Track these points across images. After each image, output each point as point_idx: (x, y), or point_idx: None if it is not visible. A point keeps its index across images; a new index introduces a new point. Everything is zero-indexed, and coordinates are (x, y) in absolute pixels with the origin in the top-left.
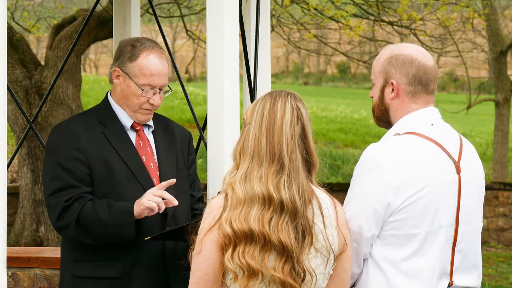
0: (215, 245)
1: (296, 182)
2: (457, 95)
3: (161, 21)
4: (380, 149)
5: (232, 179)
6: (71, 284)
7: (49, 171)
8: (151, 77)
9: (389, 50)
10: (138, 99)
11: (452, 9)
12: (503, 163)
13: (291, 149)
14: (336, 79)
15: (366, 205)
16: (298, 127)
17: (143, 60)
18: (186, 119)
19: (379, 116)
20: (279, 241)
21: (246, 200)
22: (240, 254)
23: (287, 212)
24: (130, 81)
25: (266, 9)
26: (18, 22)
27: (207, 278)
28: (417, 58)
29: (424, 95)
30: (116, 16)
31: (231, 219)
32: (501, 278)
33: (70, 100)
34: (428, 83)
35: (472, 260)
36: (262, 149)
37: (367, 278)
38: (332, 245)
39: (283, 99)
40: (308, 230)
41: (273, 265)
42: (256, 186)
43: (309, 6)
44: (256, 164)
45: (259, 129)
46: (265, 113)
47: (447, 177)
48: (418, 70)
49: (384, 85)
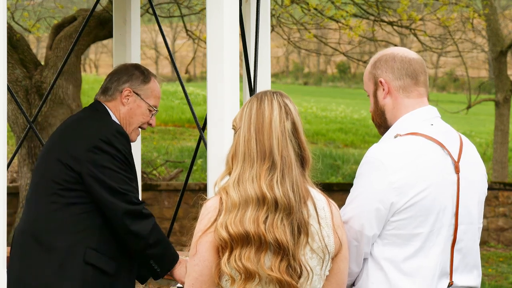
0: (210, 246)
1: (290, 178)
2: (457, 95)
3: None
4: (383, 149)
5: (226, 183)
6: (81, 268)
7: None
8: (158, 99)
9: (373, 57)
10: (144, 118)
11: (452, 9)
12: (503, 163)
13: (282, 145)
14: (336, 79)
15: (369, 204)
16: (289, 123)
17: (153, 84)
18: (186, 119)
19: (379, 123)
20: (275, 240)
21: (240, 203)
22: (237, 257)
23: (281, 209)
24: (142, 101)
25: (266, 9)
26: (18, 22)
27: (202, 280)
28: (398, 53)
29: (415, 87)
30: (116, 16)
31: (227, 223)
32: (501, 278)
33: (70, 100)
34: (416, 73)
35: (472, 259)
36: (252, 149)
37: (367, 278)
38: (328, 246)
39: (269, 97)
40: (303, 226)
41: (269, 265)
42: (249, 187)
43: (309, 6)
44: (248, 166)
45: (248, 131)
46: (252, 114)
47: (447, 176)
48: (403, 63)
49: (375, 88)
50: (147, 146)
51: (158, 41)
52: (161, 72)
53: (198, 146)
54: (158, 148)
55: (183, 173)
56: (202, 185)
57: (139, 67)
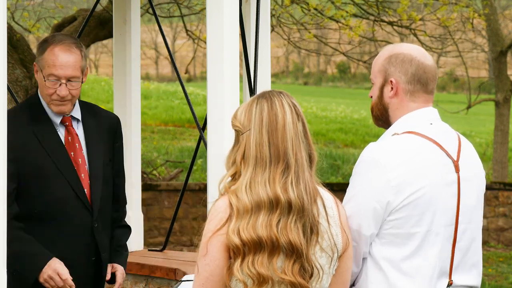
0: (222, 246)
1: (303, 180)
2: (457, 95)
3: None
4: (379, 148)
5: (235, 187)
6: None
7: None
8: (53, 67)
9: (389, 49)
10: (47, 90)
11: (452, 9)
12: (503, 163)
13: (296, 147)
14: (336, 79)
15: (366, 204)
16: (300, 124)
17: (48, 52)
18: (186, 119)
19: (378, 116)
20: (288, 242)
21: (253, 208)
22: (250, 263)
23: (294, 211)
24: (40, 73)
25: (266, 9)
26: (18, 22)
27: (213, 279)
28: (416, 57)
29: (423, 94)
30: (116, 16)
31: (239, 229)
32: (501, 278)
33: None
34: (428, 82)
35: (472, 258)
36: (264, 152)
37: (367, 278)
38: (336, 244)
39: (278, 98)
40: (315, 226)
41: (282, 267)
42: (261, 191)
43: (309, 6)
44: (260, 170)
45: (259, 134)
46: (264, 116)
47: (446, 176)
48: (418, 69)
49: (383, 83)
50: (147, 146)
51: (158, 41)
52: (161, 72)
53: (198, 146)
54: (158, 148)
55: (183, 173)
56: (202, 185)
57: (46, 38)
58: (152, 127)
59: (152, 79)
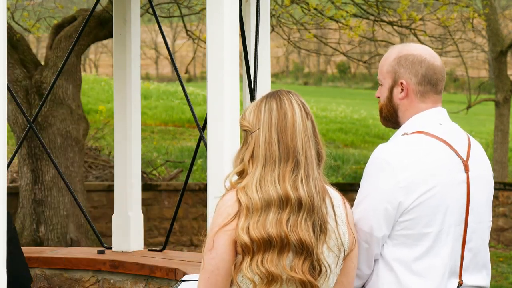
0: (228, 241)
1: (313, 178)
2: (457, 95)
3: (161, 21)
4: (389, 149)
5: (243, 184)
6: None
7: None
8: None
9: (397, 49)
10: None
11: (452, 9)
12: (503, 163)
13: (306, 145)
14: (336, 79)
15: (377, 205)
16: (309, 122)
17: None
18: (186, 119)
19: (387, 116)
20: (298, 240)
21: (263, 206)
22: (259, 262)
23: (304, 209)
24: None
25: (266, 9)
26: (18, 22)
27: (218, 273)
28: (426, 58)
29: (433, 95)
30: (116, 16)
31: (249, 227)
32: (501, 278)
33: (70, 100)
34: (437, 83)
35: (482, 259)
36: (274, 151)
37: (378, 279)
38: (343, 244)
39: (287, 97)
40: (324, 224)
41: (291, 265)
42: (271, 189)
43: (309, 6)
44: (269, 168)
45: (268, 132)
46: (273, 115)
47: (456, 176)
48: (428, 70)
49: (393, 85)
50: (147, 146)
51: (158, 41)
52: (161, 72)
53: (198, 146)
54: (158, 148)
55: (183, 173)
56: (202, 185)
57: None
58: (152, 127)
59: (152, 79)
